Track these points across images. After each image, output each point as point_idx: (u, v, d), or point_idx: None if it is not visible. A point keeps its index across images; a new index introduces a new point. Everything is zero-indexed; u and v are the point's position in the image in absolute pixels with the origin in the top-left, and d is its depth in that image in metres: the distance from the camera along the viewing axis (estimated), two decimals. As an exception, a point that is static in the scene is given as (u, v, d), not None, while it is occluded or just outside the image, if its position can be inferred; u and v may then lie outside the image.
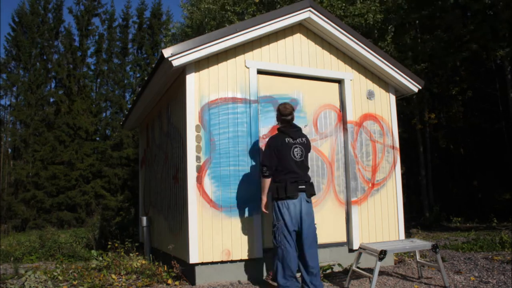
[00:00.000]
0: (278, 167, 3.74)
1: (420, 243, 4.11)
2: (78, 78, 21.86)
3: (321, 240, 4.68)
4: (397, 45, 11.86)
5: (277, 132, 3.95)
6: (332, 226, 4.80)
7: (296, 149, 3.77)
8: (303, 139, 3.87)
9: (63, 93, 21.59)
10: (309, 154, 4.76)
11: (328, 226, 4.75)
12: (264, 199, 3.85)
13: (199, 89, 4.27)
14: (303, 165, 3.80)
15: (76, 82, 21.75)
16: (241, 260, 4.23)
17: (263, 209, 3.89)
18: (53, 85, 23.32)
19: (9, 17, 37.55)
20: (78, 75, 21.81)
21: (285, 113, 3.85)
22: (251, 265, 4.28)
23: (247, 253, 4.22)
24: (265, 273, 4.31)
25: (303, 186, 3.71)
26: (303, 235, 3.64)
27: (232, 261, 4.20)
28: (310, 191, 3.77)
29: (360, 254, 4.09)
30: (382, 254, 3.73)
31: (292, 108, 3.89)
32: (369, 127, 5.17)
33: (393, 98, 5.43)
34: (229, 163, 4.29)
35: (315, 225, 3.76)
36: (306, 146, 3.87)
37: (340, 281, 4.21)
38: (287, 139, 3.77)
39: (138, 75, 24.12)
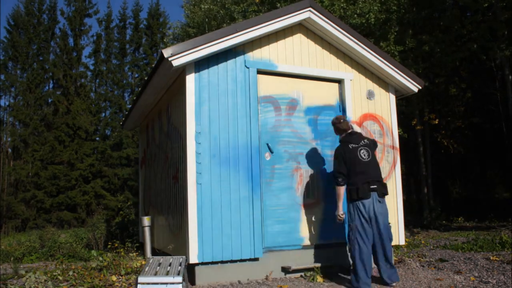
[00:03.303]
0: (349, 172, 4.01)
1: None
2: (74, 78, 21.88)
3: (321, 240, 4.69)
4: (399, 45, 11.83)
5: (339, 143, 4.27)
6: (333, 226, 4.79)
7: (362, 151, 4.03)
8: (365, 140, 4.14)
9: (61, 93, 21.59)
10: (309, 154, 4.78)
11: (328, 226, 4.75)
12: (340, 206, 4.12)
13: (199, 89, 4.27)
14: (373, 165, 4.02)
15: (73, 82, 21.77)
16: (241, 260, 4.22)
17: (339, 216, 4.14)
18: (51, 85, 23.36)
19: (4, 21, 37.79)
20: (74, 75, 21.82)
21: (341, 128, 4.24)
22: (251, 265, 4.28)
23: (247, 253, 4.22)
24: (265, 273, 4.30)
25: (375, 186, 3.91)
26: (379, 233, 3.88)
27: (232, 261, 4.20)
28: (382, 190, 3.96)
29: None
30: None
31: (343, 118, 4.30)
32: (369, 127, 5.17)
33: (393, 98, 5.43)
34: (229, 163, 4.29)
35: (390, 224, 4.00)
36: (371, 146, 4.13)
37: (339, 281, 4.21)
38: (350, 145, 4.08)
39: (136, 75, 24.15)
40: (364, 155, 4.02)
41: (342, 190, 4.09)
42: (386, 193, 4.02)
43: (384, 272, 3.94)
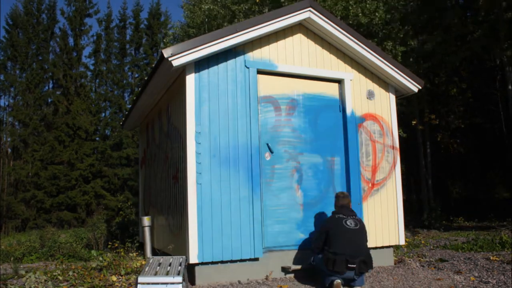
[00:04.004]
0: (330, 241, 4.00)
1: None
2: (74, 77, 21.88)
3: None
4: (401, 46, 11.84)
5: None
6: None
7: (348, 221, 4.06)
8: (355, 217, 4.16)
9: (61, 93, 21.60)
10: (309, 155, 4.78)
11: (328, 226, 4.75)
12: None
13: (199, 89, 4.27)
14: (359, 236, 3.99)
15: (73, 82, 21.78)
16: (241, 260, 4.22)
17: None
18: (50, 85, 23.37)
19: (3, 21, 37.77)
20: (74, 75, 21.83)
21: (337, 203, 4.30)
22: (251, 265, 4.27)
23: (247, 253, 4.22)
24: (265, 273, 4.30)
25: (353, 265, 3.77)
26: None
27: (232, 261, 4.20)
28: (361, 269, 3.81)
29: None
30: None
31: (344, 195, 4.33)
32: (369, 127, 5.17)
33: (393, 98, 5.43)
34: (229, 163, 4.29)
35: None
36: (362, 225, 4.10)
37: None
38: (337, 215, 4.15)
39: (136, 75, 24.16)
40: (350, 224, 3.97)
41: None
42: (366, 271, 3.86)
43: None
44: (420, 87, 5.48)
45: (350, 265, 3.72)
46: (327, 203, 4.80)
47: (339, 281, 3.76)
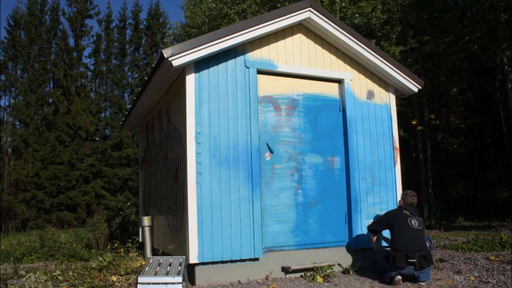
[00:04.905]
0: (394, 235, 4.18)
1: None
2: (75, 78, 21.89)
3: (321, 240, 4.69)
4: (400, 46, 11.83)
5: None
6: (332, 227, 4.79)
7: (413, 220, 4.20)
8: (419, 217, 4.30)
9: (61, 93, 21.61)
10: (309, 155, 4.77)
11: (328, 226, 4.75)
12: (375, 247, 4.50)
13: (199, 89, 4.27)
14: (420, 234, 4.13)
15: (73, 82, 21.79)
16: (241, 260, 4.22)
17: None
18: (51, 85, 23.36)
19: (5, 22, 37.80)
20: (75, 75, 21.84)
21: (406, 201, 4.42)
22: (251, 265, 4.28)
23: (247, 253, 4.22)
24: (265, 273, 4.30)
25: (413, 260, 3.91)
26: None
27: (232, 261, 4.20)
28: (422, 264, 3.92)
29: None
30: None
31: (412, 193, 4.44)
32: (369, 127, 5.16)
33: (393, 98, 5.43)
34: (229, 163, 4.29)
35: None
36: (423, 222, 4.28)
37: (339, 281, 4.20)
38: (404, 211, 4.28)
39: (136, 75, 24.17)
40: (415, 223, 4.13)
41: (374, 238, 4.46)
42: (426, 266, 3.97)
43: None
44: (420, 87, 5.48)
45: (410, 260, 3.87)
46: (327, 203, 4.80)
47: (399, 277, 3.89)
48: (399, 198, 5.21)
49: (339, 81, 5.09)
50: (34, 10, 22.85)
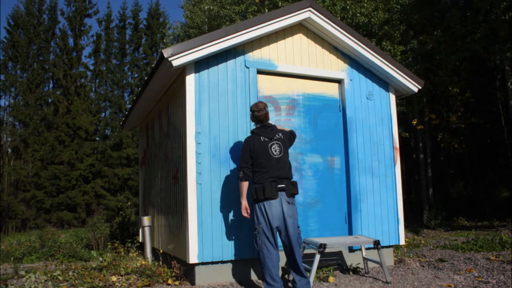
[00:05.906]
0: (255, 168, 3.60)
1: (362, 239, 4.26)
2: (74, 77, 21.90)
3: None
4: (400, 45, 11.83)
5: (250, 134, 3.81)
6: (332, 226, 4.79)
7: (273, 146, 3.63)
8: (279, 134, 3.72)
9: (61, 93, 21.61)
10: (309, 155, 4.77)
11: (328, 225, 4.75)
12: (243, 202, 3.66)
13: (199, 89, 4.27)
14: (283, 162, 3.61)
15: (73, 82, 21.79)
16: (241, 260, 4.22)
17: (244, 213, 3.70)
18: (51, 85, 23.37)
19: (4, 21, 37.85)
20: (74, 74, 21.84)
21: (259, 118, 3.75)
22: (251, 265, 4.27)
23: (247, 253, 4.22)
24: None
25: (283, 185, 3.51)
26: (288, 238, 3.48)
27: (232, 261, 4.20)
28: (291, 190, 3.56)
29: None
30: (321, 248, 3.85)
31: (264, 106, 3.76)
32: (369, 127, 5.16)
33: (393, 98, 5.43)
34: (229, 163, 4.29)
35: (299, 227, 3.63)
36: (284, 141, 3.70)
37: (339, 281, 4.20)
38: (262, 138, 3.65)
39: (136, 75, 24.17)
40: (276, 151, 3.60)
41: (244, 186, 3.62)
42: (296, 193, 3.61)
43: (295, 283, 3.48)
44: (420, 87, 5.48)
45: (279, 186, 3.51)
46: (327, 203, 4.80)
47: None
48: (400, 199, 5.22)
49: (339, 81, 5.09)
50: (32, 10, 22.84)
